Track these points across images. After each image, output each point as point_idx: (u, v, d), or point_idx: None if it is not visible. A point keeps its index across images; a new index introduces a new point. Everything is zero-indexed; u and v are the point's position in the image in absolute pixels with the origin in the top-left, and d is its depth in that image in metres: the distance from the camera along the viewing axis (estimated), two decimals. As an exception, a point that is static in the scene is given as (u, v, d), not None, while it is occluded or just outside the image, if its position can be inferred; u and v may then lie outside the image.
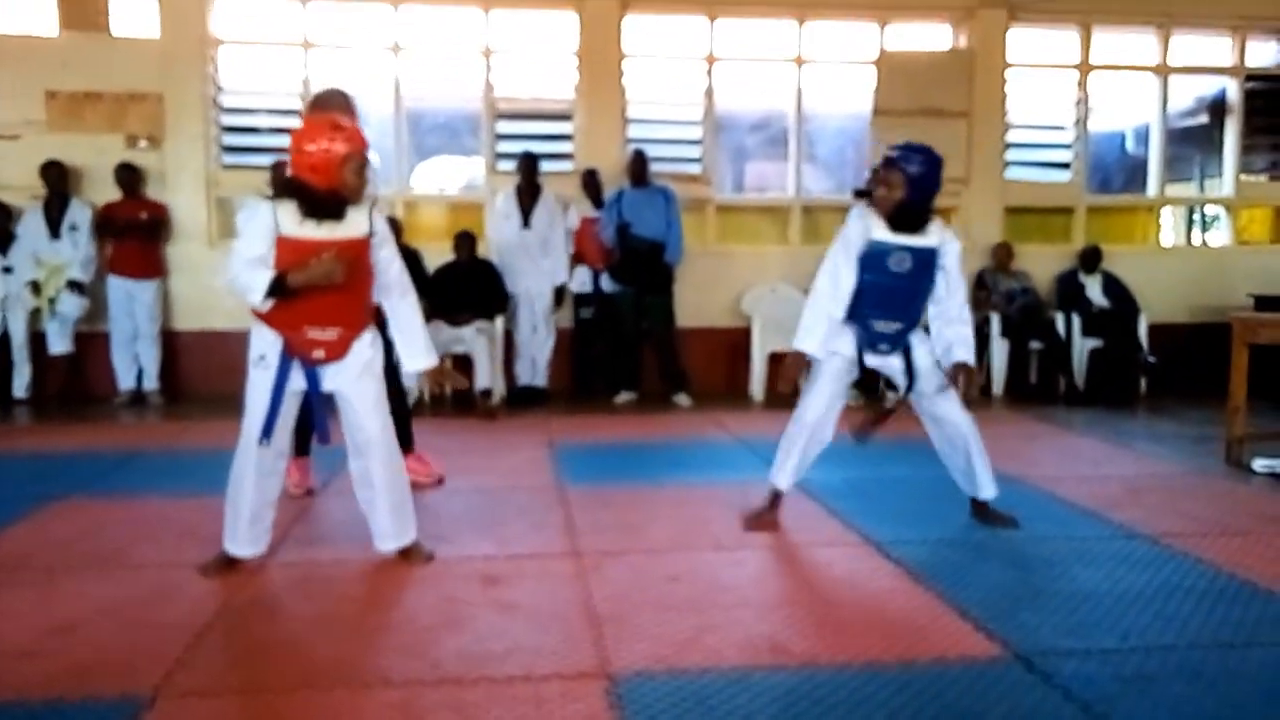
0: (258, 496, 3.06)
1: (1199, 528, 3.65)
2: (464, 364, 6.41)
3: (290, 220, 2.90)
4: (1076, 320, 6.96)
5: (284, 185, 2.94)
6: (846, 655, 2.49)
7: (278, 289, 2.85)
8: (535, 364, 6.71)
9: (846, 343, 3.49)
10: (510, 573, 3.14)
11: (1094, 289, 7.12)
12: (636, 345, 6.65)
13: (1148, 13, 7.54)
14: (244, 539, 3.08)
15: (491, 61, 7.08)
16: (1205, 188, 8.26)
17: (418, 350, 3.21)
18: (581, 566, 3.20)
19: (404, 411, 4.28)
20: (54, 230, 6.30)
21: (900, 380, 3.53)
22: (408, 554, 3.23)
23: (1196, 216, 8.68)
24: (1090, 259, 7.17)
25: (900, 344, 3.48)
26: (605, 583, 3.04)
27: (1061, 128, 7.78)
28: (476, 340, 6.29)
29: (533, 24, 7.15)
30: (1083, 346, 6.93)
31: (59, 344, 6.43)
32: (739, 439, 5.40)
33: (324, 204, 2.90)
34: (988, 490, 3.63)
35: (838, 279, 3.39)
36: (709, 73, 7.26)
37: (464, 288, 6.40)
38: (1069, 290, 7.14)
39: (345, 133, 2.90)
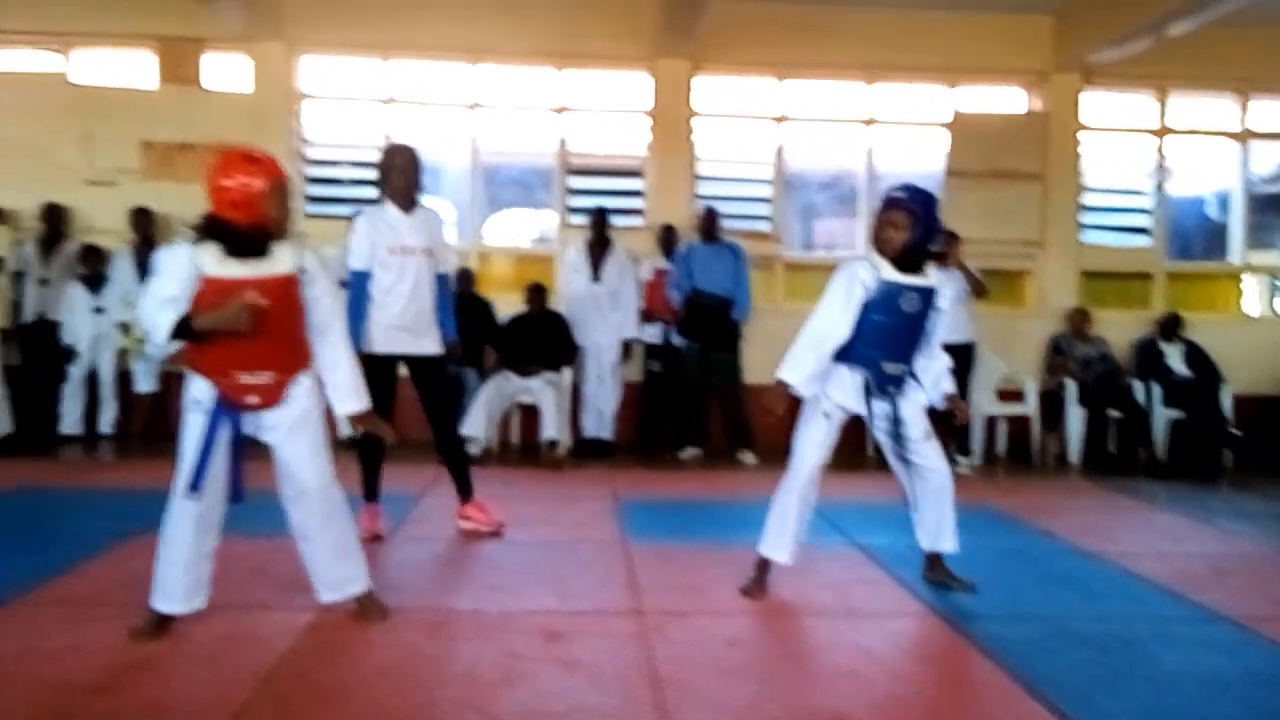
0: (193, 550, 2.92)
1: (1290, 613, 3.48)
2: (531, 414, 6.47)
3: (212, 260, 2.79)
4: (1156, 389, 6.76)
5: (206, 224, 2.82)
6: (912, 732, 2.41)
7: (184, 330, 2.74)
8: (601, 416, 6.74)
9: (850, 394, 3.40)
10: (572, 629, 3.11)
11: (1175, 357, 6.92)
12: (703, 401, 6.64)
13: (1226, 77, 7.44)
14: (178, 594, 2.92)
15: (565, 118, 7.27)
16: (1291, 255, 8.01)
17: (347, 393, 3.07)
18: (644, 625, 3.16)
19: (462, 459, 4.35)
20: (143, 274, 6.56)
21: (886, 426, 3.43)
22: (361, 606, 3.13)
23: (1281, 284, 8.41)
24: (1170, 326, 6.98)
25: (903, 387, 3.43)
26: (667, 643, 3.00)
27: (1139, 192, 7.66)
28: (544, 391, 6.34)
29: (606, 83, 7.34)
30: (1163, 416, 6.72)
31: (144, 383, 6.67)
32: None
33: (245, 240, 2.79)
34: (950, 543, 3.55)
35: (835, 320, 3.32)
36: (779, 132, 7.33)
37: (533, 339, 6.49)
38: (1148, 358, 6.95)
39: (262, 165, 2.82)
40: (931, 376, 3.47)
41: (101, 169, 6.90)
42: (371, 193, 7.17)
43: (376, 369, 3.88)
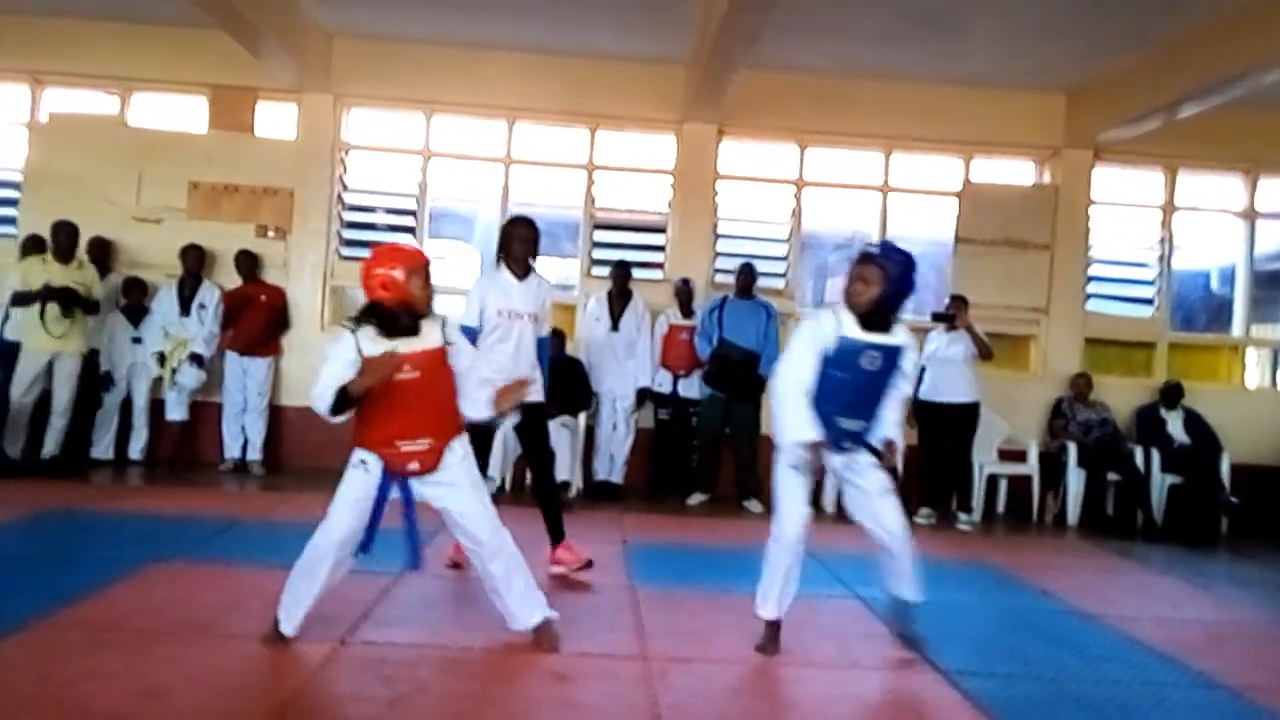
0: (325, 588, 3.23)
1: (1286, 683, 3.54)
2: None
3: (369, 341, 3.13)
4: (1156, 455, 6.92)
5: (362, 311, 3.19)
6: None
7: (342, 401, 3.06)
8: (613, 460, 6.95)
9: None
10: (579, 671, 3.17)
11: (1175, 425, 7.09)
12: (718, 450, 6.83)
13: (1234, 158, 7.68)
14: (299, 622, 3.24)
15: (594, 175, 7.58)
16: (1292, 330, 8.21)
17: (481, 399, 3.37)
18: (648, 670, 3.21)
19: (555, 503, 4.50)
20: (184, 308, 6.84)
21: (844, 477, 3.48)
22: (538, 635, 3.37)
23: (1282, 358, 8.59)
24: (1172, 395, 7.17)
25: (861, 442, 3.42)
26: (671, 690, 3.05)
27: (1145, 264, 7.88)
28: (559, 434, 6.52)
29: (634, 144, 7.66)
30: (1162, 482, 6.87)
31: (176, 412, 6.90)
32: (807, 549, 5.33)
33: (397, 319, 3.14)
34: (911, 593, 3.52)
35: (802, 367, 3.33)
36: (798, 195, 7.62)
37: (552, 383, 6.67)
38: (1149, 424, 7.12)
39: (405, 252, 3.20)
40: (880, 423, 3.44)
41: (149, 207, 7.22)
42: (406, 239, 7.51)
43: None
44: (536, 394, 4.32)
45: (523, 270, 4.33)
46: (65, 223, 6.39)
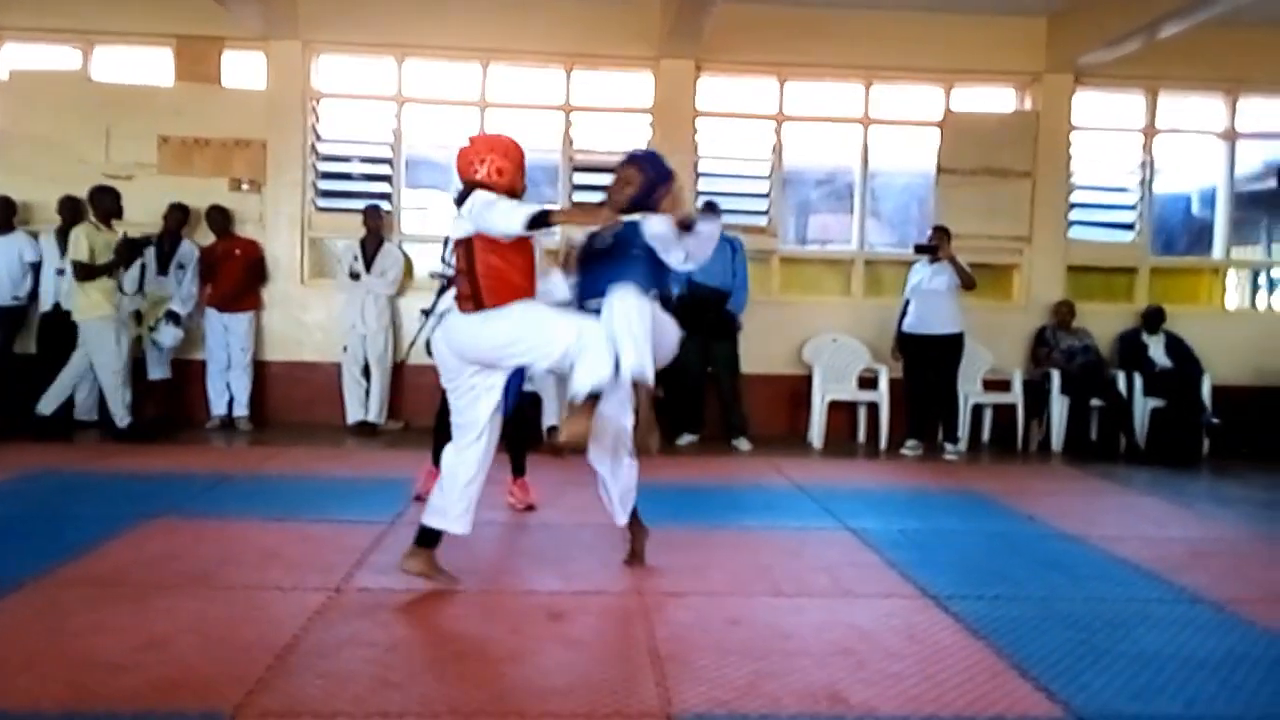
0: (477, 481, 3.33)
1: (1266, 594, 3.61)
2: (533, 402, 6.66)
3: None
4: (1138, 380, 7.00)
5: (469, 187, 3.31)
6: (905, 709, 2.52)
7: (540, 221, 3.04)
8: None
9: None
10: (575, 608, 3.23)
11: (1156, 349, 7.17)
12: (701, 389, 6.85)
13: (1215, 78, 7.61)
14: (465, 518, 3.32)
15: (571, 117, 7.45)
16: (1272, 251, 8.25)
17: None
18: (644, 605, 3.28)
19: (522, 441, 4.58)
20: (162, 267, 6.75)
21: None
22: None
23: (1263, 280, 8.65)
24: (1153, 319, 7.23)
25: None
26: (666, 623, 3.11)
27: (1126, 189, 7.87)
28: (545, 379, 6.52)
29: (611, 83, 7.53)
30: (1144, 406, 6.96)
31: (157, 370, 6.85)
32: (797, 485, 5.53)
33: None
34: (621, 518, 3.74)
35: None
36: (778, 131, 7.53)
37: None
38: (1131, 349, 7.19)
39: (515, 147, 3.41)
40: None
41: (119, 163, 7.04)
42: (383, 187, 7.41)
43: None
44: None
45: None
46: (109, 188, 6.29)
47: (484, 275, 3.21)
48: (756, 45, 7.32)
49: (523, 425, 4.57)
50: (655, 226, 3.44)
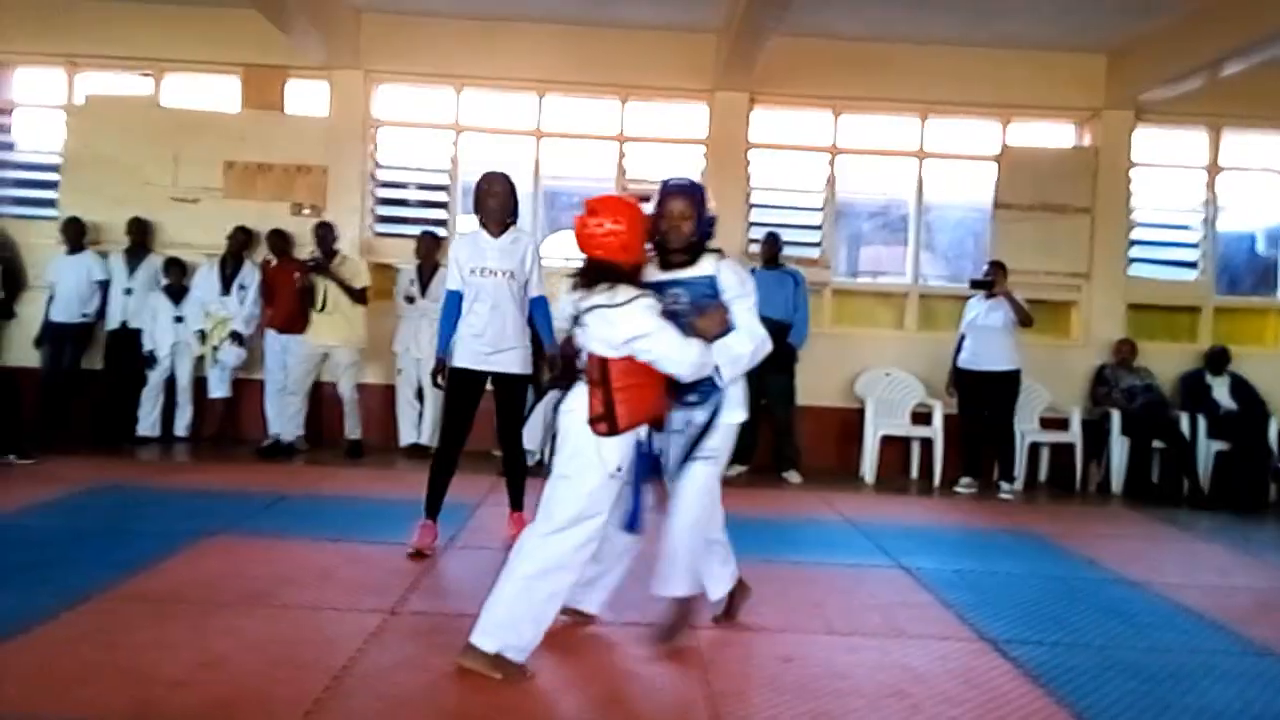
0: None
1: (1338, 652, 3.50)
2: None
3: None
4: (1202, 421, 6.82)
5: (594, 273, 2.97)
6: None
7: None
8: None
9: None
10: (628, 640, 3.23)
11: (1221, 390, 6.98)
12: (754, 421, 6.80)
13: (1278, 116, 7.46)
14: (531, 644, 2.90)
15: (625, 147, 7.52)
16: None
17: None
18: (698, 639, 3.26)
19: (520, 473, 4.46)
20: (225, 287, 6.92)
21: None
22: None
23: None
24: (1218, 360, 7.05)
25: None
26: (721, 658, 3.11)
27: (1188, 227, 7.72)
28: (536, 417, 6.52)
29: (665, 114, 7.59)
30: (1208, 448, 6.77)
31: (218, 389, 7.01)
32: (848, 520, 5.47)
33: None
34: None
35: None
36: (831, 163, 7.53)
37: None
38: (1194, 390, 7.02)
39: (640, 215, 3.01)
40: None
41: (186, 187, 7.28)
42: (439, 214, 7.53)
43: (459, 381, 4.16)
44: (511, 365, 4.21)
45: (498, 227, 4.23)
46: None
47: (620, 389, 2.91)
48: (811, 79, 7.34)
49: (523, 456, 4.43)
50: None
